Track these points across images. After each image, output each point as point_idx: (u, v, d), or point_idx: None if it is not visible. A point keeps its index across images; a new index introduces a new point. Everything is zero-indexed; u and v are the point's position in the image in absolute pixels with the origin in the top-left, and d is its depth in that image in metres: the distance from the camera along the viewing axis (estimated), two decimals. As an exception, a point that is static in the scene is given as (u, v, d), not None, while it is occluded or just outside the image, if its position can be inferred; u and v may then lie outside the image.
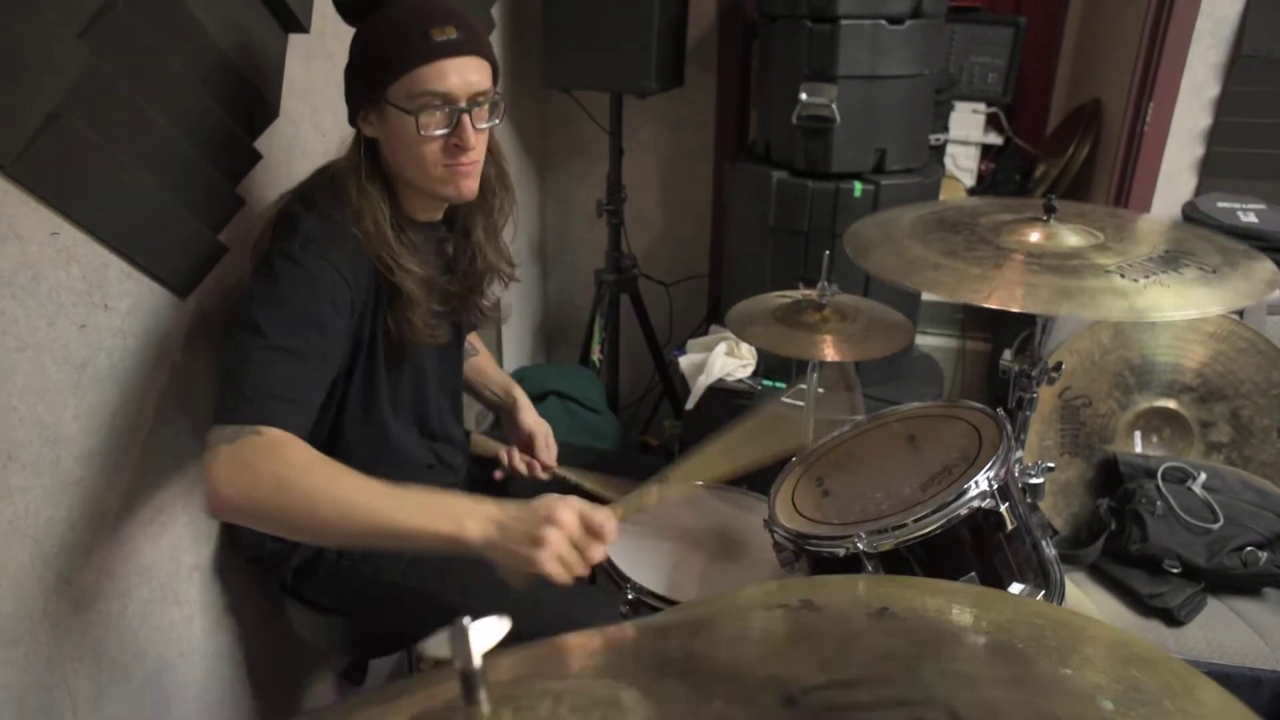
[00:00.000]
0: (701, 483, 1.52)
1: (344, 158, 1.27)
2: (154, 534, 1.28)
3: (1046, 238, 1.25)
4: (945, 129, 2.68)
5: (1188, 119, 2.35)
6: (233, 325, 1.28)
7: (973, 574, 1.12)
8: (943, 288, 1.16)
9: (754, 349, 2.23)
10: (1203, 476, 1.67)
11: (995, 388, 2.59)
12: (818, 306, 1.57)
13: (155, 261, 1.20)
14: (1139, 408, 1.84)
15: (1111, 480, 1.78)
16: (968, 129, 2.81)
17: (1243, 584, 1.61)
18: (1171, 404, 1.84)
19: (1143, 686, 0.70)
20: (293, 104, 1.46)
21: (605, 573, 1.35)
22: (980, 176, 2.88)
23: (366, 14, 1.21)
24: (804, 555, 1.18)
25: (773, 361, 2.20)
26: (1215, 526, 1.60)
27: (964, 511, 1.09)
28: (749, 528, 1.46)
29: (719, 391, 2.18)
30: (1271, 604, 1.60)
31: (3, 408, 1.02)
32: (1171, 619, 1.55)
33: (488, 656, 0.41)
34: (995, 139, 2.88)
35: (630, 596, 1.28)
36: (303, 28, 1.45)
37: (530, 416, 1.59)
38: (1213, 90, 2.32)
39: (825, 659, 0.46)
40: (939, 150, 2.67)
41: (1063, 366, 1.38)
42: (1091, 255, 1.19)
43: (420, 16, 1.17)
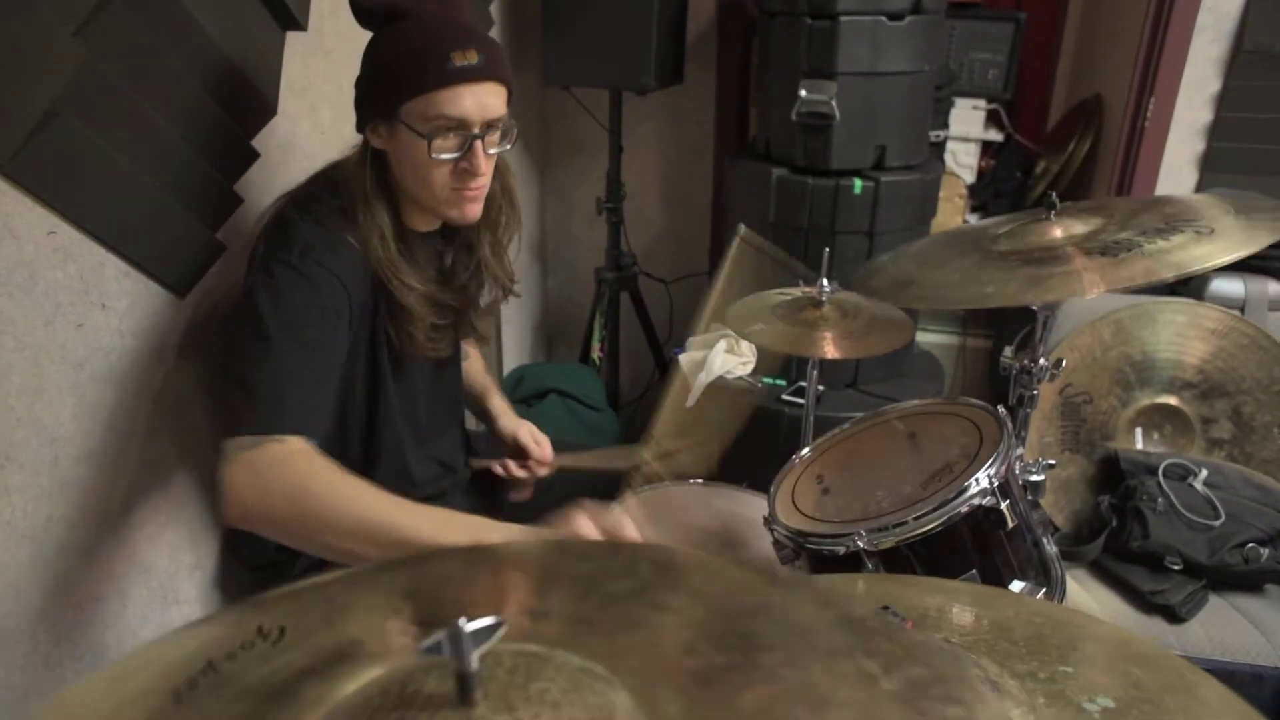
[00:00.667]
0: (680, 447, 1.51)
1: (349, 167, 1.24)
2: (153, 533, 1.28)
3: (1067, 230, 1.25)
4: (945, 125, 2.68)
5: (1189, 114, 2.35)
6: (231, 327, 1.27)
7: (973, 572, 1.12)
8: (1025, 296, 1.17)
9: (754, 346, 2.23)
10: (1204, 473, 1.67)
11: (996, 384, 2.59)
12: (817, 304, 1.57)
13: (153, 260, 1.19)
14: (1140, 404, 1.84)
15: (1113, 477, 1.78)
16: (968, 125, 2.81)
17: (1244, 580, 1.60)
18: (1173, 400, 1.83)
19: (1144, 684, 0.70)
20: (290, 102, 1.46)
21: None
22: (980, 173, 2.87)
23: (386, 24, 1.18)
24: (804, 553, 1.17)
25: (773, 359, 2.20)
26: (1217, 523, 1.60)
27: (965, 509, 1.09)
28: (749, 525, 1.46)
29: (719, 389, 2.17)
30: (1273, 600, 1.60)
31: (0, 408, 1.02)
32: (1173, 616, 1.55)
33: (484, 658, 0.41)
34: (995, 135, 2.87)
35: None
36: (300, 25, 1.45)
37: (508, 420, 1.58)
38: (1214, 85, 2.31)
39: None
40: (939, 147, 2.67)
41: (1063, 363, 1.38)
42: (1114, 233, 1.20)
43: (443, 38, 1.15)
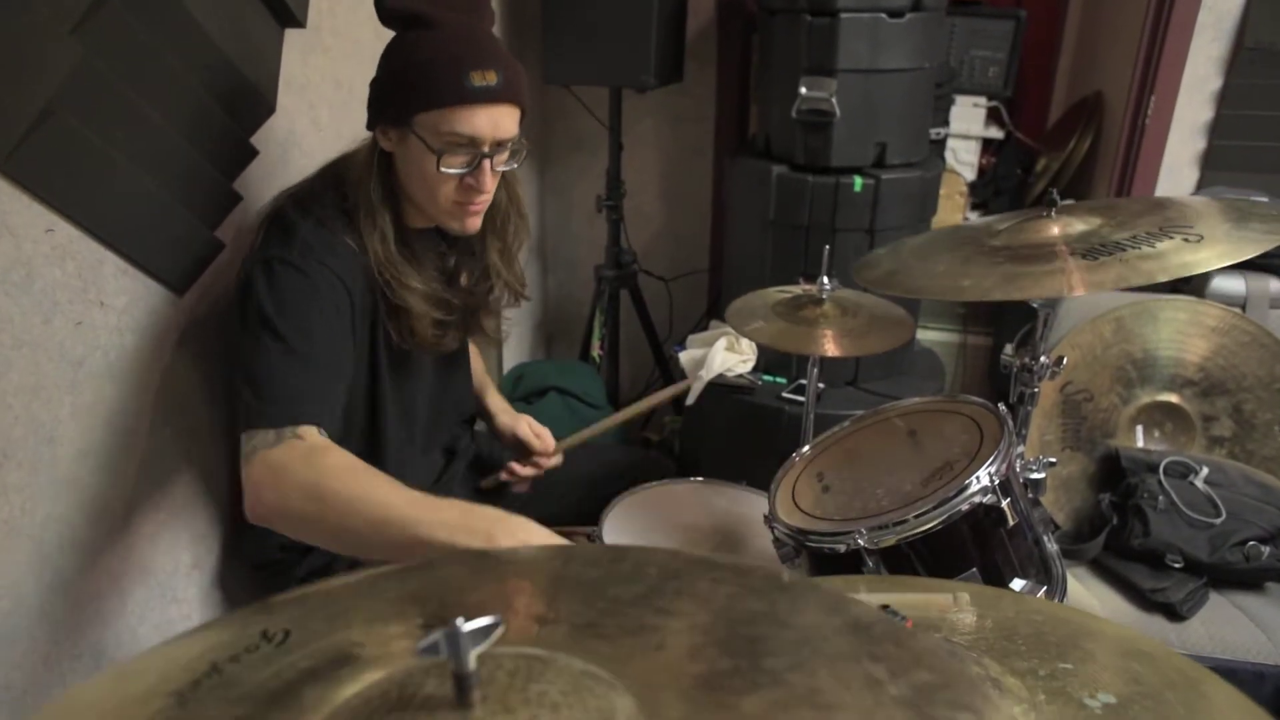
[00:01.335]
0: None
1: (355, 165, 1.24)
2: (152, 532, 1.27)
3: (1064, 227, 1.25)
4: (946, 123, 2.67)
5: (1189, 112, 2.34)
6: (231, 324, 1.27)
7: (974, 570, 1.12)
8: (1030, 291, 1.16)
9: (754, 344, 2.22)
10: (1205, 471, 1.67)
11: (996, 382, 2.59)
12: (818, 301, 1.56)
13: (151, 258, 1.19)
14: (1141, 402, 1.84)
15: (1113, 475, 1.77)
16: (968, 123, 2.80)
17: (1245, 579, 1.60)
18: (1173, 398, 1.83)
19: (1144, 679, 0.70)
20: (289, 99, 1.46)
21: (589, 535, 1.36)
22: (981, 171, 2.87)
23: (410, 29, 1.18)
24: (804, 551, 1.17)
25: (773, 357, 2.20)
26: (1217, 521, 1.59)
27: (965, 507, 1.09)
28: (749, 523, 1.45)
29: (719, 387, 2.17)
30: (1274, 598, 1.60)
31: (-2, 406, 1.01)
32: (1174, 614, 1.55)
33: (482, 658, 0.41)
34: (996, 133, 2.87)
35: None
36: (299, 22, 1.44)
37: (506, 417, 1.59)
38: (1215, 83, 2.31)
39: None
40: (939, 144, 2.66)
41: (1064, 361, 1.37)
42: (1109, 234, 1.20)
43: (465, 55, 1.14)
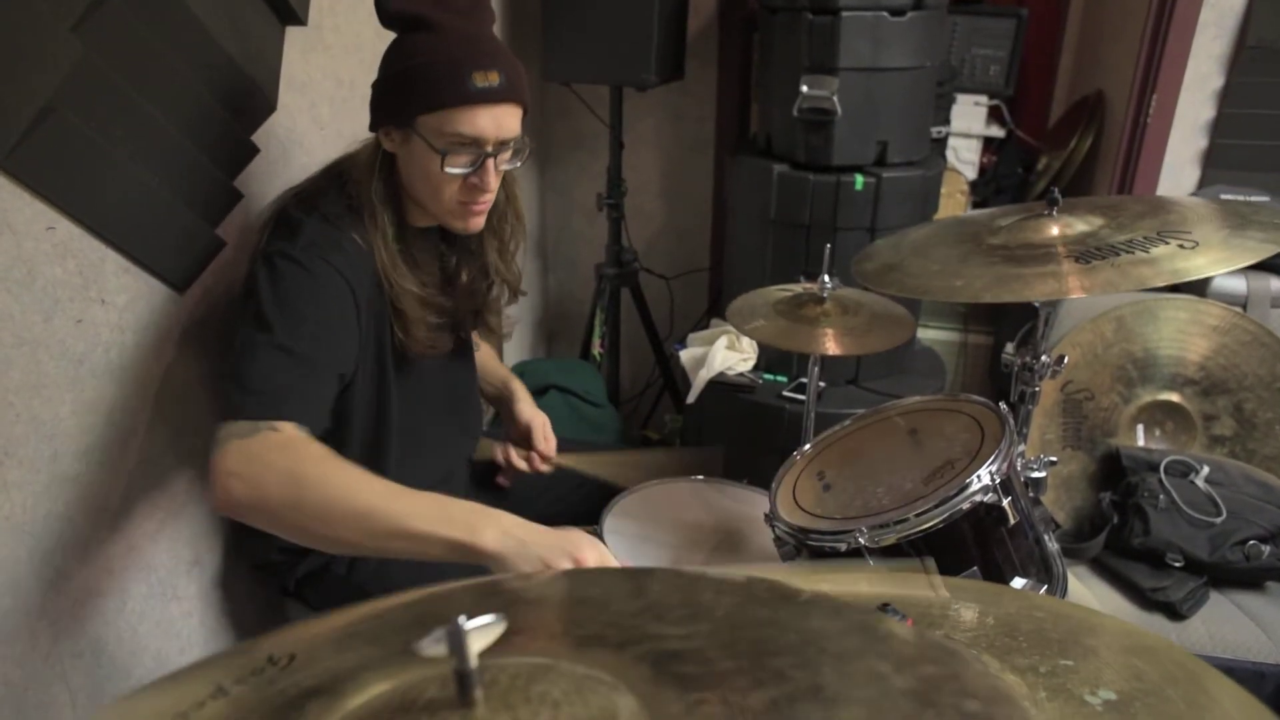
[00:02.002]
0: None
1: (358, 165, 1.25)
2: (153, 530, 1.27)
3: (1064, 229, 1.25)
4: (947, 122, 2.67)
5: (1191, 111, 2.34)
6: (232, 321, 1.27)
7: (975, 569, 1.12)
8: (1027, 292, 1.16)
9: (755, 343, 2.22)
10: (1205, 470, 1.67)
11: (997, 381, 2.59)
12: (819, 300, 1.56)
13: (152, 256, 1.19)
14: (1142, 401, 1.84)
15: (1114, 474, 1.77)
16: (969, 122, 2.80)
17: (1245, 578, 1.60)
18: (1174, 397, 1.83)
19: (1146, 675, 0.70)
20: (290, 97, 1.45)
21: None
22: (982, 169, 2.87)
23: (411, 31, 1.18)
24: (805, 550, 1.17)
25: (774, 355, 2.20)
26: (1218, 520, 1.59)
27: (966, 506, 1.09)
28: (750, 522, 1.45)
29: (720, 385, 2.18)
30: (1274, 597, 1.60)
31: (-1, 404, 1.01)
32: (1174, 613, 1.55)
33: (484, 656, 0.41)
34: (997, 132, 2.87)
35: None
36: (300, 20, 1.44)
37: (528, 408, 1.58)
38: (1217, 82, 2.31)
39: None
40: (940, 143, 2.66)
41: (1065, 360, 1.37)
42: (1107, 236, 1.20)
43: (467, 56, 1.14)
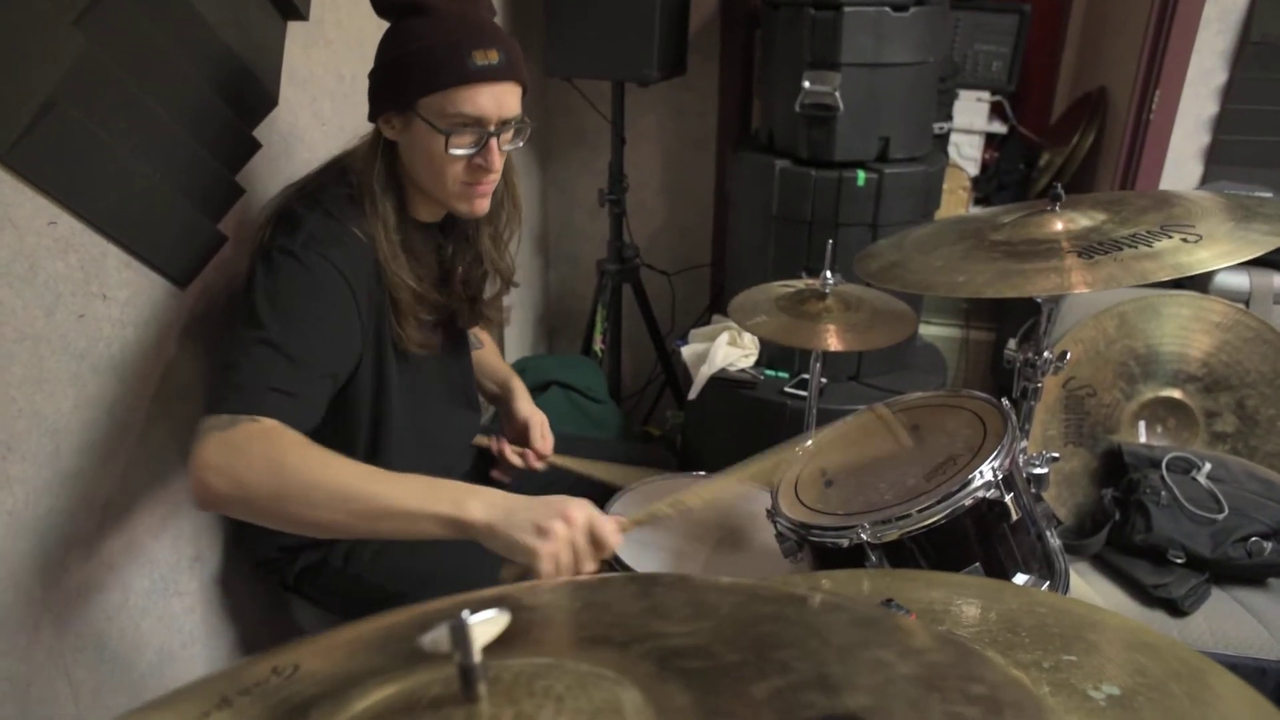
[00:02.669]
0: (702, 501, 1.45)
1: (359, 157, 1.25)
2: (155, 525, 1.28)
3: (1068, 224, 1.25)
4: (949, 117, 2.66)
5: (1194, 107, 2.34)
6: (232, 317, 1.27)
7: (977, 565, 1.11)
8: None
9: (756, 339, 2.22)
10: (1207, 466, 1.66)
11: (999, 377, 2.58)
12: (820, 296, 1.56)
13: (154, 251, 1.19)
14: (1144, 398, 1.84)
15: (1116, 470, 1.77)
16: (972, 117, 2.80)
17: (1247, 574, 1.60)
18: (1176, 394, 1.83)
19: (1149, 671, 0.70)
20: (292, 92, 1.45)
21: (607, 562, 1.34)
22: (984, 165, 2.86)
23: (406, 16, 1.18)
24: (807, 546, 1.17)
25: (775, 351, 2.20)
26: (1220, 517, 1.59)
27: (968, 502, 1.09)
28: (752, 518, 1.45)
29: (721, 381, 2.17)
30: (1276, 594, 1.60)
31: (1, 399, 1.01)
32: (1175, 609, 1.55)
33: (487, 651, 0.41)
34: (999, 128, 2.86)
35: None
36: (301, 15, 1.44)
37: (525, 405, 1.57)
38: (1220, 77, 2.30)
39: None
40: (943, 139, 2.66)
41: (1067, 356, 1.37)
42: (1111, 231, 1.20)
43: (464, 36, 1.14)
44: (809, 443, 1.36)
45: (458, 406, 1.51)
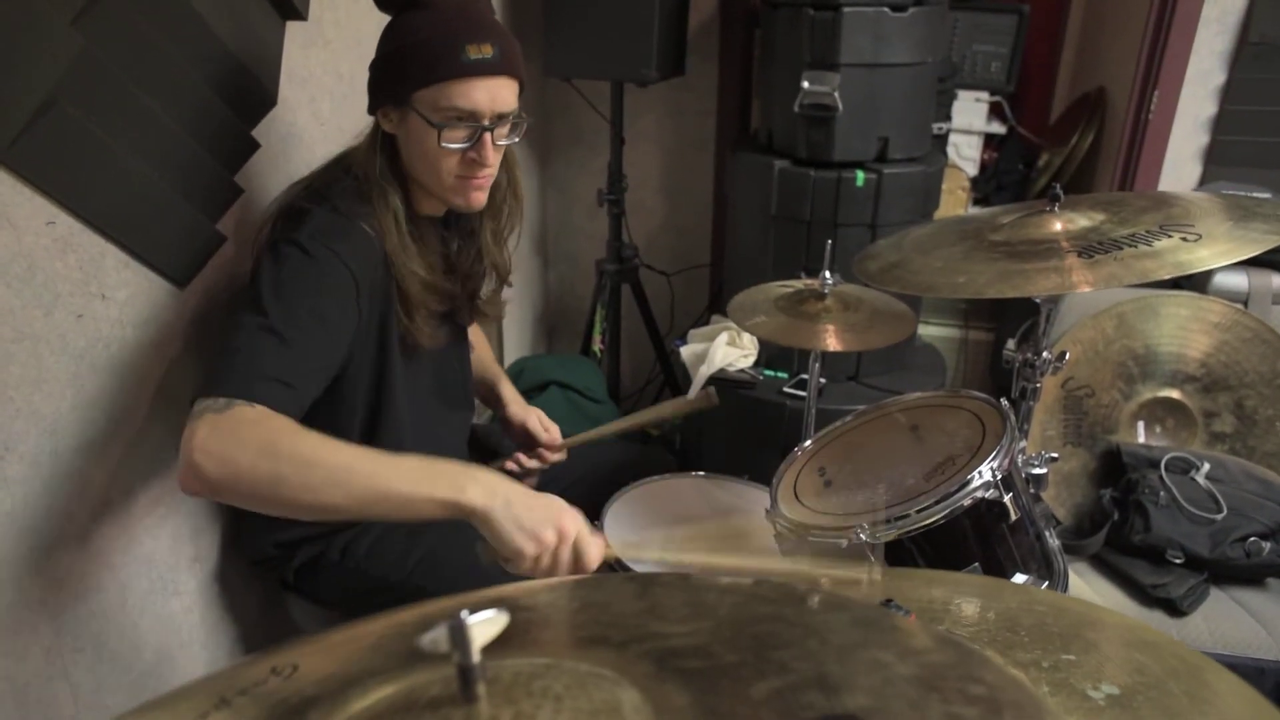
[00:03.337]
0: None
1: (360, 151, 1.25)
2: (153, 525, 1.27)
3: (1067, 224, 1.25)
4: (948, 118, 2.67)
5: (1193, 107, 2.34)
6: (233, 312, 1.27)
7: (976, 564, 1.12)
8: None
9: (755, 339, 2.22)
10: (1206, 467, 1.67)
11: (998, 378, 2.59)
12: (819, 296, 1.56)
13: (153, 251, 1.19)
14: (1142, 398, 1.84)
15: (1114, 471, 1.78)
16: (970, 118, 2.80)
17: (1246, 574, 1.61)
18: (1175, 394, 1.83)
19: (1148, 670, 0.70)
20: (291, 92, 1.45)
21: (606, 562, 1.34)
22: (983, 166, 2.87)
23: (404, 10, 1.19)
24: (806, 545, 1.17)
25: (774, 351, 2.20)
26: (1218, 517, 1.59)
27: (967, 502, 1.09)
28: (751, 518, 1.45)
29: (720, 381, 2.18)
30: (1274, 594, 1.60)
31: (0, 399, 1.01)
32: (1174, 609, 1.55)
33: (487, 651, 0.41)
34: (998, 128, 2.86)
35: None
36: (300, 15, 1.44)
37: (518, 409, 1.58)
38: (1219, 78, 2.30)
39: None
40: (941, 139, 2.66)
41: (1066, 356, 1.37)
42: (1110, 231, 1.20)
43: (460, 30, 1.15)
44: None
45: (455, 404, 1.51)
